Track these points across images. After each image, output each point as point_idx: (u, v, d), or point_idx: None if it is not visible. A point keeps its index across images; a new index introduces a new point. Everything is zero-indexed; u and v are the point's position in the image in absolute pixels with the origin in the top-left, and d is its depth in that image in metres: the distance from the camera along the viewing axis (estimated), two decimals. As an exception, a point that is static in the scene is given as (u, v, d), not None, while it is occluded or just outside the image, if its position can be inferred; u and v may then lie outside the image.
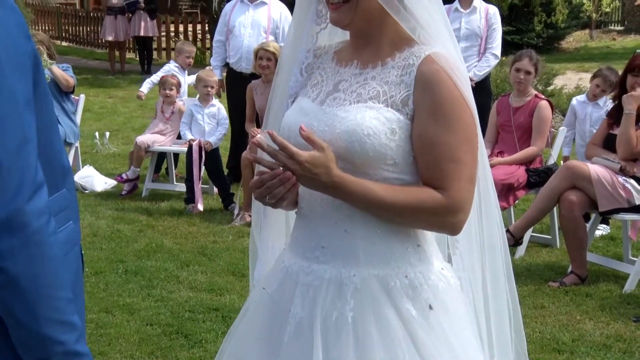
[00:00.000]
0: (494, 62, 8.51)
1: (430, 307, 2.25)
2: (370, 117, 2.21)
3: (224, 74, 9.42)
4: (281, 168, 2.12)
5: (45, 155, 1.91)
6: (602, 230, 7.57)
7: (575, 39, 28.40)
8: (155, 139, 8.87)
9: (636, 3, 24.25)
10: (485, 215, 2.48)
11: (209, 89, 8.51)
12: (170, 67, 9.70)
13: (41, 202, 1.79)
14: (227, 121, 8.63)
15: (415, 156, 2.24)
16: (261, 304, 2.45)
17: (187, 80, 9.53)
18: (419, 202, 2.19)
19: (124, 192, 8.87)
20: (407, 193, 2.20)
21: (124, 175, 8.86)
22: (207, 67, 9.39)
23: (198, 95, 8.72)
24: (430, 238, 2.38)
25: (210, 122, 8.48)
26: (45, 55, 8.81)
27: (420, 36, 2.31)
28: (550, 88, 12.91)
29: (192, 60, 9.76)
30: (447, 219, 2.23)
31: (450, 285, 2.35)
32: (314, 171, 2.11)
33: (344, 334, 2.21)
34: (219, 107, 8.62)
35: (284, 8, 9.13)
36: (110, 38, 19.03)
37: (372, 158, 2.19)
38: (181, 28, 22.44)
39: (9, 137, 1.76)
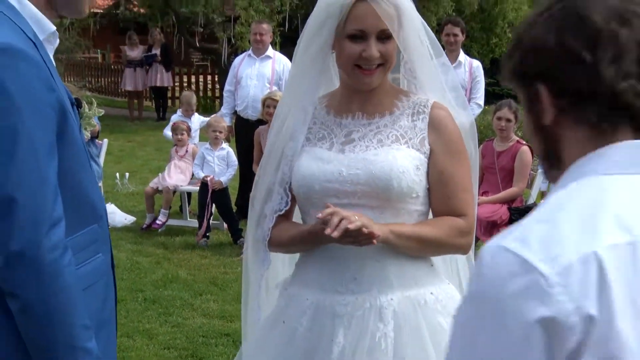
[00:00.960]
0: (477, 110, 8.57)
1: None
2: (400, 157, 2.32)
3: (233, 121, 9.49)
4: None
5: (72, 194, 1.97)
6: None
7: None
8: (177, 180, 8.96)
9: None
10: None
11: (218, 133, 8.56)
12: (176, 117, 9.82)
13: (56, 237, 1.84)
14: (236, 163, 8.68)
15: (432, 189, 2.35)
16: (291, 341, 2.44)
17: (194, 125, 9.59)
18: (451, 230, 2.32)
19: (157, 226, 8.88)
20: (440, 225, 2.33)
21: (158, 222, 8.86)
22: (216, 114, 9.44)
23: (209, 140, 8.79)
24: (435, 258, 2.48)
25: (220, 163, 8.53)
26: (92, 112, 8.85)
27: (416, 88, 2.45)
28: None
29: (194, 109, 9.80)
30: (467, 240, 2.38)
31: (457, 297, 2.42)
32: (386, 231, 2.22)
33: (387, 349, 2.29)
34: (228, 151, 8.67)
35: (287, 61, 9.20)
36: (129, 88, 19.06)
37: (405, 193, 2.30)
38: (193, 79, 22.50)
39: (26, 178, 1.82)
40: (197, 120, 9.71)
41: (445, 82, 7.60)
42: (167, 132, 9.78)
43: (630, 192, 1.30)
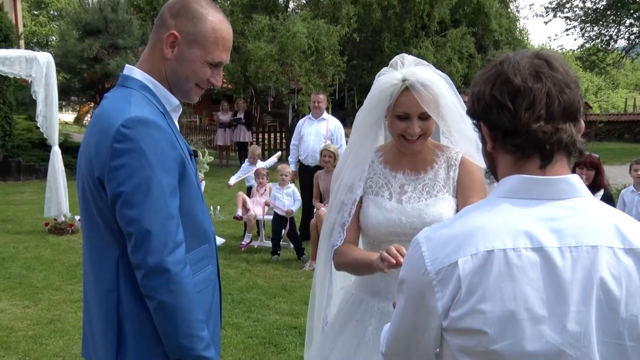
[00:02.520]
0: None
1: None
2: (446, 205, 2.38)
3: (297, 167, 9.55)
4: None
5: (189, 223, 2.02)
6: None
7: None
8: (258, 211, 9.03)
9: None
10: None
11: (284, 176, 8.64)
12: (245, 166, 9.91)
13: (179, 255, 1.91)
14: (300, 198, 8.75)
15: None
16: (363, 338, 2.48)
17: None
18: None
19: (243, 246, 8.90)
20: None
21: (244, 242, 8.91)
22: (284, 163, 9.49)
23: (278, 181, 8.86)
24: None
25: (288, 199, 8.60)
26: (205, 159, 9.06)
27: (452, 143, 2.50)
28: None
29: (257, 158, 9.86)
30: None
31: None
32: None
33: None
34: (293, 189, 8.73)
35: (337, 122, 9.30)
36: (220, 143, 19.37)
37: None
38: (266, 136, 22.75)
39: (158, 213, 1.88)
40: (260, 166, 9.74)
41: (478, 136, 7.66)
42: (233, 179, 9.79)
43: (505, 212, 1.41)
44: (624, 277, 1.34)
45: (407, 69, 2.36)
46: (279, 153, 9.63)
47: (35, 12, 49.94)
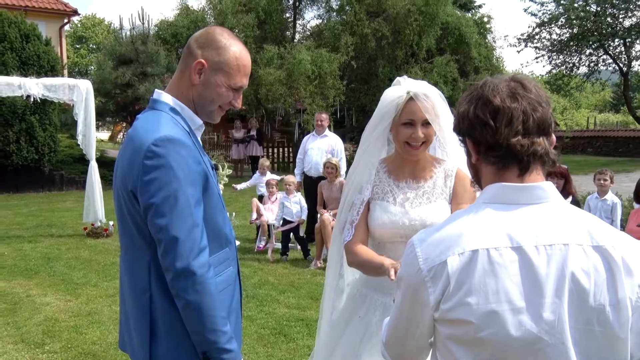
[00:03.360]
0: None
1: None
2: (443, 210, 2.36)
3: (302, 178, 9.50)
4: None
5: (212, 229, 2.00)
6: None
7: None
8: (270, 217, 8.99)
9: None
10: None
11: (289, 186, 8.57)
12: (256, 176, 9.88)
13: (203, 259, 1.89)
14: (306, 206, 8.70)
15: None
16: (367, 332, 2.46)
17: (265, 179, 9.54)
18: None
19: (259, 249, 8.83)
20: None
21: (260, 246, 8.85)
22: (290, 175, 9.43)
23: (285, 190, 8.81)
24: None
25: (296, 206, 8.54)
26: (225, 172, 9.04)
27: (447, 156, 2.47)
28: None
29: (266, 171, 9.81)
30: None
31: None
32: None
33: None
34: (299, 198, 8.67)
35: (338, 138, 9.25)
36: (235, 157, 19.40)
37: None
38: (276, 150, 22.74)
39: (184, 222, 1.87)
40: (269, 177, 9.69)
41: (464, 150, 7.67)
42: (242, 185, 9.87)
43: (488, 216, 1.42)
44: (592, 271, 1.35)
45: (410, 83, 2.38)
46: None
47: (77, 46, 50.26)
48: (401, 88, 2.37)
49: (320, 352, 2.59)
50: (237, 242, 9.26)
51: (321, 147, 9.08)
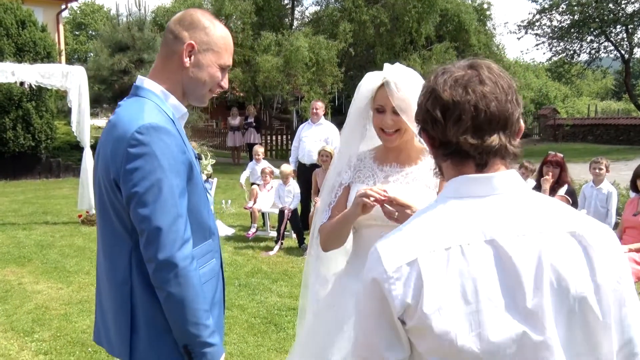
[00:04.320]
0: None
1: None
2: (422, 195, 2.26)
3: (297, 166, 9.44)
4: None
5: (196, 220, 1.96)
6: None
7: (511, 144, 28.14)
8: (264, 205, 8.96)
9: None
10: None
11: (285, 177, 8.57)
12: (251, 164, 9.82)
13: (187, 251, 1.85)
14: (299, 192, 8.62)
15: None
16: (326, 309, 2.43)
17: (260, 167, 9.51)
18: None
19: (249, 235, 8.79)
20: None
21: (250, 233, 8.82)
22: (285, 164, 9.38)
23: (281, 179, 8.78)
24: None
25: (289, 195, 8.50)
26: (207, 162, 8.98)
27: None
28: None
29: (260, 158, 9.76)
30: None
31: None
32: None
33: None
34: (293, 186, 8.63)
35: (333, 126, 9.16)
36: (230, 144, 19.35)
37: None
38: (274, 138, 22.68)
39: (168, 212, 1.82)
40: (265, 164, 9.63)
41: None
42: (242, 178, 9.80)
43: (455, 210, 1.34)
44: (570, 258, 1.29)
45: (388, 70, 2.31)
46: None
47: (77, 33, 50.02)
48: (380, 74, 2.32)
49: (300, 341, 2.55)
50: (232, 230, 9.24)
51: (316, 136, 9.01)
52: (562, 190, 6.30)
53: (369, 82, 2.33)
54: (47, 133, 15.88)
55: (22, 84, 9.53)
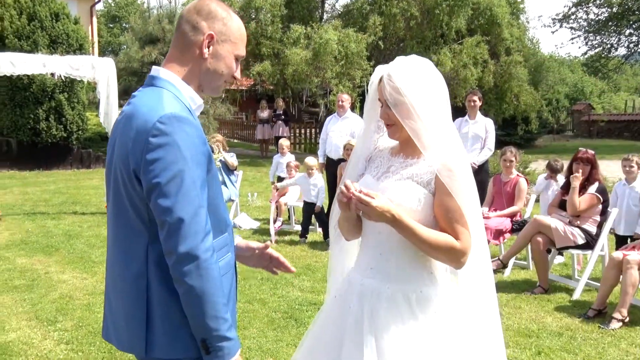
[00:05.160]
0: (489, 153, 8.25)
1: (435, 312, 2.18)
2: (407, 191, 2.17)
3: (324, 159, 9.38)
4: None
5: (214, 213, 1.92)
6: (558, 259, 7.25)
7: (543, 140, 27.78)
8: (289, 199, 8.94)
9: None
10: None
11: (311, 170, 8.50)
12: (276, 157, 9.79)
13: (208, 243, 1.81)
14: (324, 189, 8.52)
15: (437, 217, 2.17)
16: (333, 304, 2.38)
17: (287, 159, 9.49)
18: (445, 241, 2.12)
19: (276, 228, 8.74)
20: (439, 235, 2.12)
21: (276, 226, 8.75)
22: (310, 157, 9.33)
23: (305, 172, 8.74)
24: (440, 267, 2.26)
25: (314, 188, 8.41)
26: (222, 149, 8.98)
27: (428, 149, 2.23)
28: (527, 169, 12.61)
29: (286, 151, 9.72)
30: (457, 256, 2.15)
31: (451, 299, 2.24)
32: (385, 209, 2.07)
33: (380, 324, 2.16)
34: (317, 179, 8.52)
35: (359, 119, 9.05)
36: (259, 137, 19.39)
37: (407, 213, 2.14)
38: (303, 131, 22.67)
39: (190, 203, 1.79)
40: (290, 158, 9.61)
41: (468, 134, 7.30)
42: (272, 176, 9.83)
43: None
44: None
45: (392, 63, 2.23)
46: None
47: (111, 25, 50.70)
48: (383, 67, 2.25)
49: (310, 332, 2.51)
50: (257, 223, 9.24)
51: (342, 130, 8.94)
52: (593, 188, 6.13)
53: (374, 76, 2.28)
54: (79, 124, 16.11)
55: (52, 75, 9.65)
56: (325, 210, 8.75)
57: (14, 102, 15.17)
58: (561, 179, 7.17)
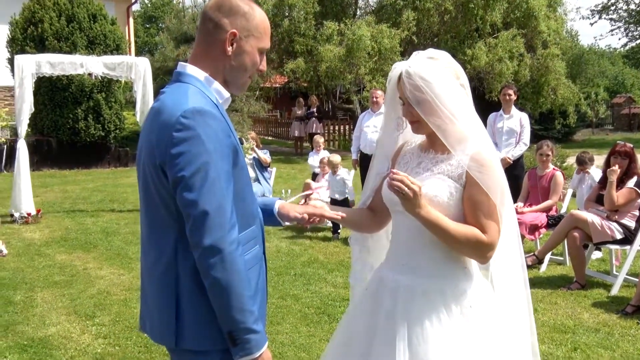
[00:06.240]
0: (524, 148, 8.11)
1: (470, 307, 2.16)
2: (438, 186, 2.15)
3: (359, 156, 9.36)
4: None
5: (241, 206, 1.94)
6: (596, 254, 7.10)
7: (582, 134, 27.21)
8: (323, 194, 8.97)
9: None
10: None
11: (335, 167, 8.55)
12: (311, 154, 9.81)
13: (233, 235, 1.83)
14: (350, 182, 8.54)
15: (465, 211, 2.15)
16: (364, 299, 2.37)
17: (320, 157, 9.51)
18: (472, 236, 2.09)
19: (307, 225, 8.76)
20: (466, 228, 2.10)
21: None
22: (334, 154, 9.32)
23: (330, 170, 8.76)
24: (474, 262, 2.24)
25: (338, 185, 8.44)
26: (253, 145, 9.03)
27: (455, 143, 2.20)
28: (564, 164, 12.39)
29: (321, 148, 9.73)
30: (483, 251, 2.12)
31: (486, 293, 2.23)
32: (417, 199, 2.05)
33: (413, 318, 2.15)
34: (343, 175, 8.52)
35: (394, 115, 9.04)
36: (296, 134, 19.45)
37: (438, 209, 2.12)
38: (337, 128, 22.66)
39: (215, 196, 1.81)
40: (324, 154, 9.62)
41: (503, 128, 7.21)
42: (311, 162, 9.95)
43: None
44: None
45: (410, 60, 2.19)
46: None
47: (147, 25, 51.47)
48: (402, 64, 2.20)
49: (339, 328, 2.52)
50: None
51: (377, 125, 8.89)
52: (631, 183, 5.99)
53: (393, 73, 2.24)
54: (116, 123, 16.41)
55: (90, 75, 9.85)
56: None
57: (54, 103, 15.52)
58: (595, 171, 7.03)
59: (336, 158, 8.71)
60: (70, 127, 15.69)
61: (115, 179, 14.53)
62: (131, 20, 25.21)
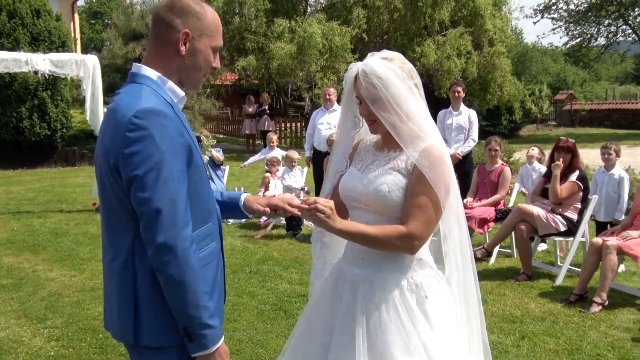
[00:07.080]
0: (473, 144, 8.33)
1: (426, 297, 2.23)
2: (389, 181, 2.21)
3: (312, 153, 9.42)
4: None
5: (196, 203, 1.96)
6: (542, 246, 7.36)
7: (527, 130, 27.96)
8: (273, 192, 8.99)
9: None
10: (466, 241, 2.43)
11: (293, 163, 8.62)
12: (264, 150, 9.85)
13: (187, 233, 1.85)
14: (303, 181, 8.65)
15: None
16: (324, 292, 2.41)
17: (275, 154, 9.56)
18: (390, 231, 2.16)
19: (261, 222, 8.76)
20: (384, 227, 2.17)
21: (262, 220, 8.76)
22: (292, 151, 9.38)
23: (286, 166, 8.80)
24: (428, 253, 2.32)
25: (296, 181, 8.51)
26: (214, 143, 8.99)
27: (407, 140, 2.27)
28: (511, 159, 12.74)
29: (274, 145, 9.81)
30: (406, 243, 2.17)
31: (440, 284, 2.30)
32: (334, 215, 2.12)
33: (372, 309, 2.21)
34: (298, 173, 8.60)
35: (347, 113, 9.13)
36: (247, 132, 19.36)
37: (390, 206, 2.19)
38: (288, 125, 22.66)
39: (167, 194, 1.83)
40: (278, 153, 9.68)
41: (452, 125, 7.36)
42: (248, 161, 10.19)
43: None
44: None
45: (366, 60, 2.26)
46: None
47: (92, 22, 50.26)
48: (357, 65, 2.27)
49: (299, 322, 2.56)
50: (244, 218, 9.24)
51: (330, 122, 8.97)
52: (574, 176, 6.24)
53: (349, 73, 2.30)
54: (63, 122, 16.02)
55: (36, 73, 9.60)
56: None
57: (-4, 101, 15.07)
58: (543, 168, 7.28)
59: (294, 154, 8.74)
60: (14, 126, 15.25)
61: (62, 179, 14.19)
62: (76, 16, 24.59)
